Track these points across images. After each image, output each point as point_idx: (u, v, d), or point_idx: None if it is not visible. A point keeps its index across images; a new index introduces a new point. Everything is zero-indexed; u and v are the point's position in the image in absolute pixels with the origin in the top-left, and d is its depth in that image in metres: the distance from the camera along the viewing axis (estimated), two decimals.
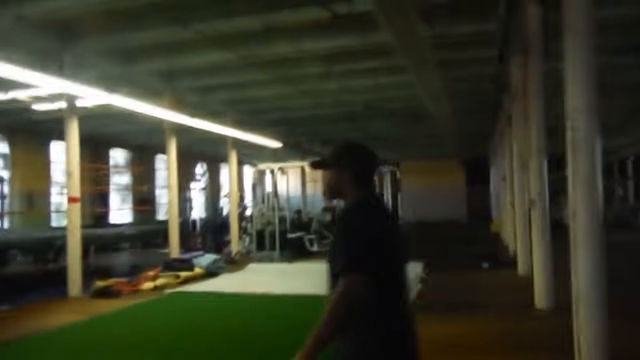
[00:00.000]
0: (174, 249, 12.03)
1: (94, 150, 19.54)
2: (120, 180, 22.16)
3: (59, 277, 9.45)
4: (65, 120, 9.34)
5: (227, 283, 10.33)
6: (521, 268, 9.68)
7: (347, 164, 2.31)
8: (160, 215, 23.05)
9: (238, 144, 15.57)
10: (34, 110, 14.76)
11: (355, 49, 9.28)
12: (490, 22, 7.75)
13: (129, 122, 15.91)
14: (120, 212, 21.41)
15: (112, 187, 21.07)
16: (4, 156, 16.35)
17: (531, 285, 7.55)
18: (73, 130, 9.30)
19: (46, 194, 17.84)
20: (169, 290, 9.53)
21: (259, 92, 12.56)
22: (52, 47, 8.44)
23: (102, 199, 20.54)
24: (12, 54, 7.50)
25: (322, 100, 13.69)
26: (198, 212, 21.83)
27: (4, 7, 6.98)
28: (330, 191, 2.38)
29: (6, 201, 15.42)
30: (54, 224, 17.32)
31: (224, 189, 26.85)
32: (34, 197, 16.87)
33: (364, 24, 7.93)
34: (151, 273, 10.37)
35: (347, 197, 2.32)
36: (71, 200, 9.24)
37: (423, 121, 16.99)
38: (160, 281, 10.02)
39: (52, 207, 17.86)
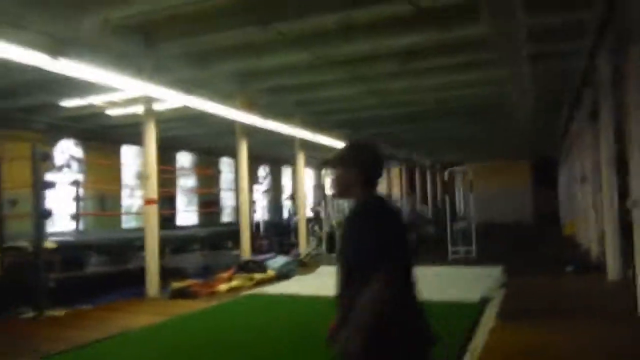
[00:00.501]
0: (245, 251, 12.03)
1: (161, 153, 19.91)
2: (185, 182, 22.51)
3: (134, 278, 9.55)
4: (143, 123, 9.46)
5: (300, 286, 10.21)
6: (612, 273, 9.13)
7: (354, 164, 2.38)
8: (225, 218, 23.31)
9: (304, 146, 15.49)
10: (108, 116, 15.17)
11: (432, 45, 9.01)
12: (584, 11, 7.35)
13: (197, 126, 16.13)
14: (186, 214, 21.74)
15: (178, 189, 21.42)
16: (78, 160, 16.84)
17: (630, 291, 7.05)
18: (150, 133, 9.42)
19: (117, 197, 18.30)
20: (244, 293, 9.51)
21: (327, 92, 12.42)
22: (131, 51, 8.53)
23: (169, 201, 20.94)
24: (95, 59, 7.64)
25: (390, 99, 13.43)
26: (261, 214, 21.96)
27: (92, 11, 7.08)
28: (338, 190, 2.44)
29: (81, 204, 15.83)
30: (124, 225, 17.76)
31: (286, 191, 26.96)
32: (105, 200, 17.31)
33: (447, 18, 7.66)
34: (225, 275, 10.38)
35: (355, 196, 2.38)
36: (148, 202, 9.33)
37: (495, 120, 16.52)
38: (235, 283, 10.01)
39: (123, 209, 18.30)
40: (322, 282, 10.74)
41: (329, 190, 15.00)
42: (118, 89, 10.22)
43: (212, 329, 7.09)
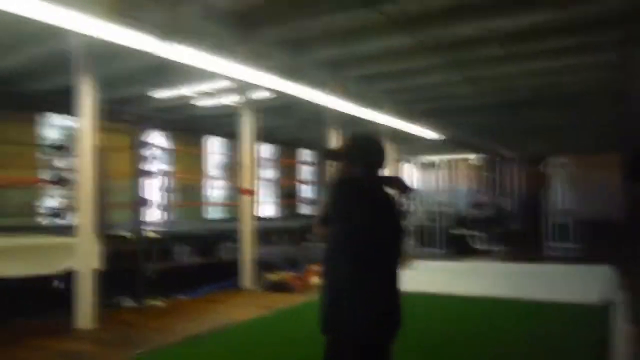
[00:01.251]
0: None
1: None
2: (266, 174, 22.53)
3: (225, 270, 9.43)
4: (240, 112, 9.30)
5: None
6: None
7: (357, 156, 2.52)
8: (303, 210, 23.20)
9: (393, 136, 15.02)
10: (194, 107, 15.26)
11: (542, 26, 8.36)
12: None
13: (282, 117, 15.98)
14: (266, 205, 21.79)
15: (259, 181, 21.45)
16: (166, 151, 17.08)
17: None
18: (247, 122, 9.25)
19: (200, 187, 18.50)
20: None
21: (422, 79, 11.91)
22: (228, 37, 8.35)
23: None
24: (194, 45, 7.50)
25: (484, 87, 12.78)
26: None
27: None
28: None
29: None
30: (209, 216, 17.95)
31: None
32: (191, 190, 17.52)
33: None
34: (317, 267, 10.12)
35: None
36: (244, 192, 9.19)
37: (593, 109, 15.47)
38: None
39: (206, 200, 18.48)
40: (420, 277, 10.30)
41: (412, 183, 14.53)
42: (209, 78, 10.27)
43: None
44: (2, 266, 6.19)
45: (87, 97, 6.62)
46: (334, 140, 11.78)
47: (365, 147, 2.56)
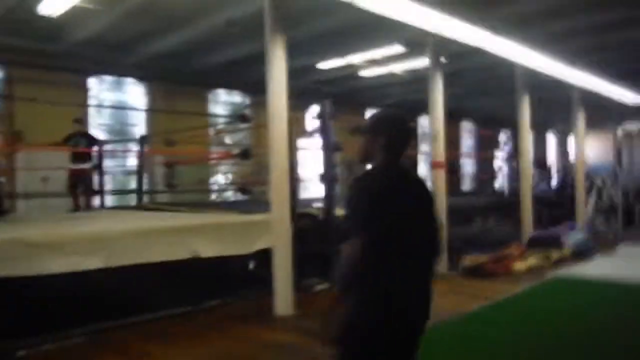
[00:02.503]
0: (527, 224, 10.38)
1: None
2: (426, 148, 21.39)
3: None
4: (429, 77, 8.26)
5: (616, 269, 8.28)
6: None
7: (379, 131, 2.44)
8: (465, 186, 21.79)
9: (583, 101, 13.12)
10: (358, 78, 14.50)
11: None
12: None
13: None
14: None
15: (420, 155, 20.41)
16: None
17: None
18: (437, 88, 8.21)
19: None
20: (549, 275, 7.94)
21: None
22: None
23: (412, 168, 20.06)
24: None
25: None
26: (502, 183, 20.03)
27: None
28: (361, 156, 2.50)
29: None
30: None
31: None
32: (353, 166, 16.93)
33: None
34: (515, 251, 8.90)
35: (374, 163, 2.45)
36: (436, 165, 8.20)
37: None
38: (530, 261, 8.49)
39: None
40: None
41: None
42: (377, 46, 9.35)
43: (543, 321, 5.69)
44: (199, 246, 5.80)
45: (279, 63, 5.93)
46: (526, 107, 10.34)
47: (388, 122, 2.49)
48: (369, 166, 2.50)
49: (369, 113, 18.10)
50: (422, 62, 11.84)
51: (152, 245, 5.33)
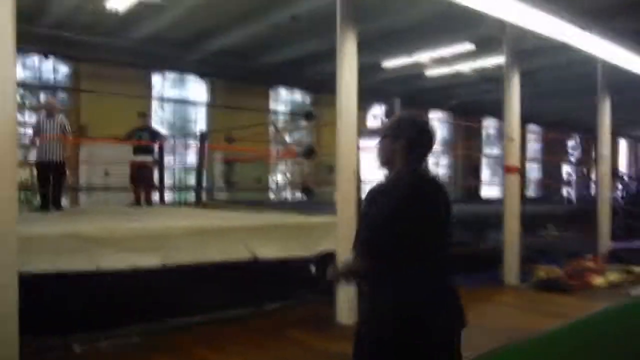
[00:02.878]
0: (604, 235, 9.66)
1: (466, 119, 18.48)
2: (491, 151, 20.64)
3: (482, 259, 8.04)
4: (505, 75, 7.73)
5: None
6: None
7: (399, 134, 2.30)
8: (530, 192, 20.89)
9: None
10: (421, 78, 14.05)
11: None
12: None
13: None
14: (490, 186, 19.94)
15: (483, 158, 19.74)
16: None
17: None
18: (513, 88, 7.67)
19: None
20: (632, 292, 7.27)
21: None
22: None
23: (474, 171, 19.40)
24: None
25: None
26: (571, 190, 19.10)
27: None
28: (381, 160, 2.38)
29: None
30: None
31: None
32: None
33: None
34: (592, 265, 8.24)
35: (395, 167, 2.31)
36: (510, 169, 7.67)
37: None
38: (611, 276, 7.82)
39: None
40: None
41: None
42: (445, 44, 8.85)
43: (626, 344, 5.13)
44: (258, 247, 5.53)
45: (349, 60, 5.59)
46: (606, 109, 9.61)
47: (409, 125, 2.33)
48: (385, 171, 2.38)
49: (432, 114, 17.60)
50: (492, 60, 11.34)
51: (210, 244, 5.10)
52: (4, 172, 3.54)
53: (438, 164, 18.14)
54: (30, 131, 8.11)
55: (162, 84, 12.96)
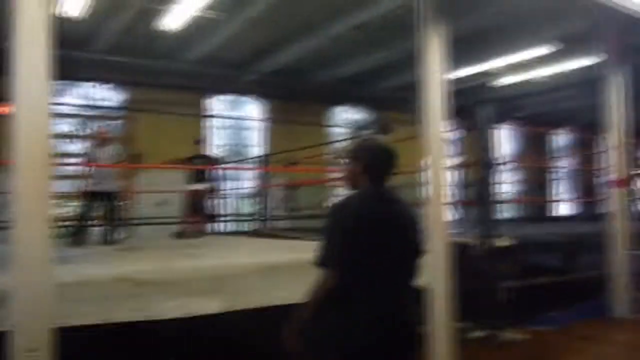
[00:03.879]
0: None
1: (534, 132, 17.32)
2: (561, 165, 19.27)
3: (580, 288, 6.95)
4: (604, 76, 6.71)
5: None
6: None
7: (359, 158, 2.51)
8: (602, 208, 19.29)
9: None
10: (488, 88, 13.12)
11: None
12: None
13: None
14: (561, 203, 18.57)
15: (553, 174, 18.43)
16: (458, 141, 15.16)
17: None
18: (616, 89, 6.65)
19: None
20: None
21: None
22: None
23: (539, 188, 18.07)
24: None
25: None
26: None
27: None
28: (346, 181, 2.60)
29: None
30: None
31: None
32: None
33: None
34: None
35: (359, 187, 2.51)
36: (616, 184, 6.62)
37: None
38: None
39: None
40: None
41: None
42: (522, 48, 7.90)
43: None
44: None
45: (435, 65, 4.79)
46: None
47: (368, 150, 2.53)
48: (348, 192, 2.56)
49: (495, 129, 16.49)
50: (576, 63, 10.33)
51: (279, 283, 4.30)
52: (37, 207, 2.92)
53: (507, 181, 16.97)
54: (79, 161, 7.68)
55: (217, 107, 12.46)
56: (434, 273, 4.64)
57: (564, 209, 18.54)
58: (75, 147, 10.72)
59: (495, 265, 5.80)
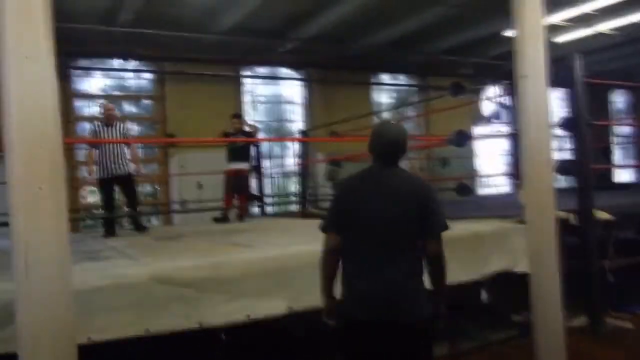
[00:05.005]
0: None
1: (589, 93, 16.02)
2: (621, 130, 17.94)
3: None
4: None
5: None
6: None
7: (369, 140, 2.65)
8: None
9: None
10: (553, 43, 11.96)
11: None
12: None
13: None
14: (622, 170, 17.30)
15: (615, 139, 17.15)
16: (508, 109, 14.10)
17: None
18: None
19: None
20: None
21: None
22: None
23: (603, 153, 16.81)
24: None
25: None
26: None
27: None
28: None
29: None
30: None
31: None
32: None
33: None
34: None
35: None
36: None
37: None
38: None
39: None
40: None
41: None
42: None
43: None
44: None
45: (533, 15, 3.82)
46: None
47: (374, 131, 2.64)
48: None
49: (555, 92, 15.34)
50: None
51: None
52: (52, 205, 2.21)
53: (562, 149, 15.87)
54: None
55: (253, 82, 11.64)
56: (537, 256, 3.79)
57: (626, 176, 17.29)
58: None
59: (594, 242, 4.90)
